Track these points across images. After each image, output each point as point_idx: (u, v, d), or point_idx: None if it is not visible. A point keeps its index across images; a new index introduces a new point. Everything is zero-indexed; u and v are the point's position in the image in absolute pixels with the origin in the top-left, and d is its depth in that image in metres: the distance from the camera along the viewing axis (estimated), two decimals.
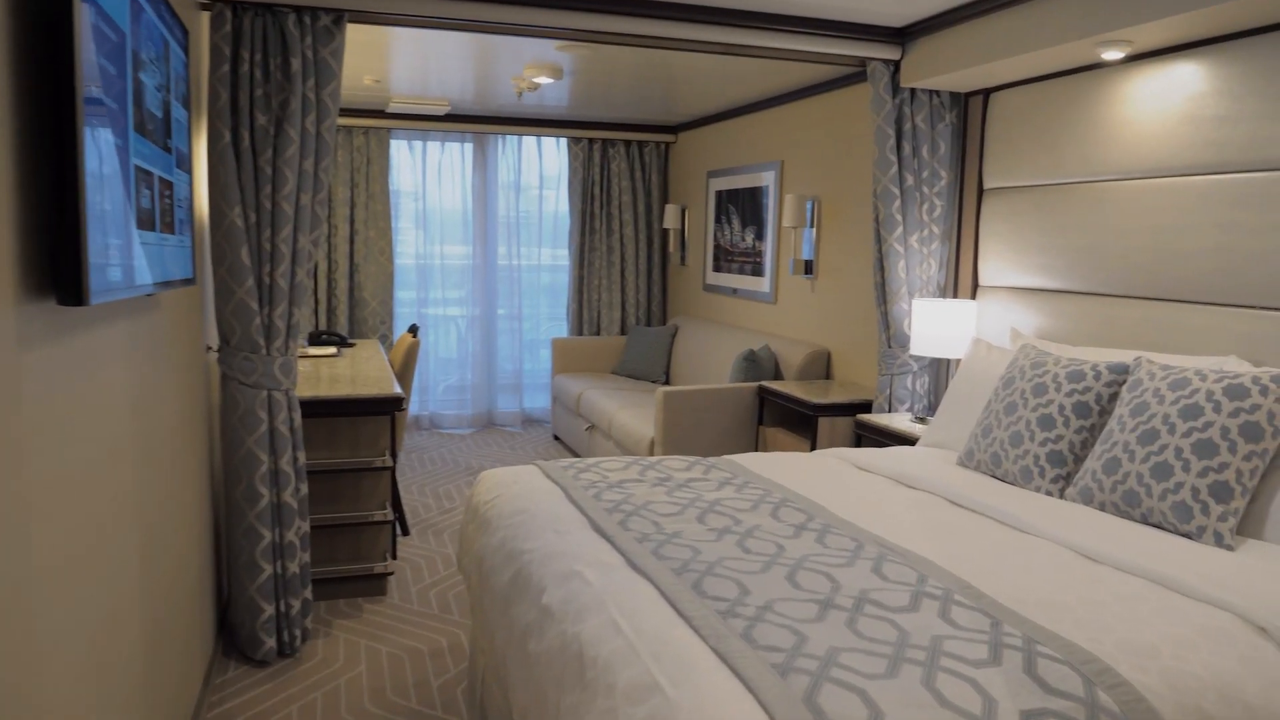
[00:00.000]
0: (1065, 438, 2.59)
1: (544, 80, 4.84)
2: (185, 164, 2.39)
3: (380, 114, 6.41)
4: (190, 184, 2.50)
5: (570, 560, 2.00)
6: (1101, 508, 2.40)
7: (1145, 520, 2.29)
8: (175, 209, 2.20)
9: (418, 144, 6.77)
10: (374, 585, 3.74)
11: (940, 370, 4.04)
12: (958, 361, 3.90)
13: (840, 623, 1.66)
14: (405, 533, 4.48)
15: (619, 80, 5.07)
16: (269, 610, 3.12)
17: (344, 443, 3.63)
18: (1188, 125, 2.89)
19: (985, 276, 3.79)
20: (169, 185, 2.13)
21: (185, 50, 2.39)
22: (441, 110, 6.11)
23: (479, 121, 6.67)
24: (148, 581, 2.11)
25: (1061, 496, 2.57)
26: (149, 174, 1.90)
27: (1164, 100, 2.97)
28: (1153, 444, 2.28)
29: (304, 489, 3.21)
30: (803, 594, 1.78)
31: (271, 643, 3.14)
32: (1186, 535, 2.19)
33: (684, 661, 1.52)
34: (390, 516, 3.74)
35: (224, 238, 2.96)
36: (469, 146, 6.88)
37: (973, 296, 3.86)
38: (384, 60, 4.64)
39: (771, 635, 1.59)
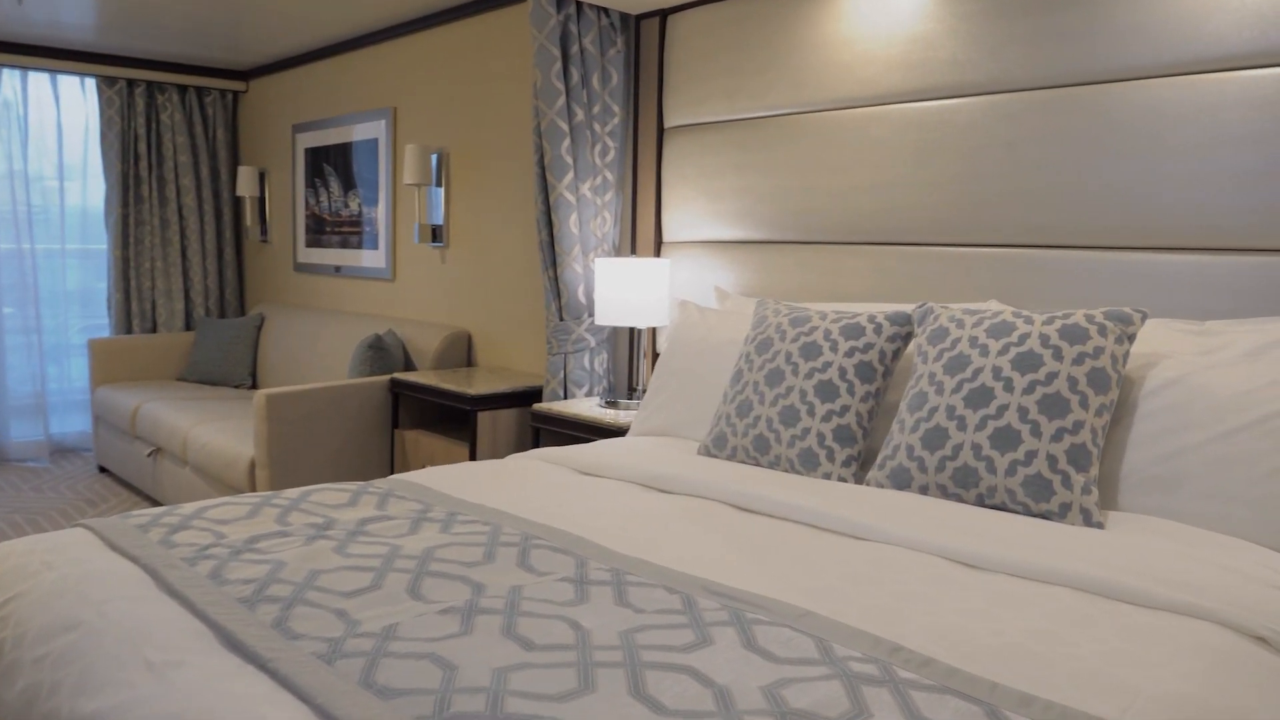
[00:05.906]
0: (852, 408, 2.05)
1: None
2: None
3: None
4: None
5: None
6: (924, 491, 1.88)
7: (983, 502, 1.81)
8: None
9: None
10: None
11: (618, 344, 3.42)
12: (649, 332, 3.29)
13: None
14: None
15: None
16: None
17: None
18: (919, 44, 2.51)
19: (671, 230, 3.22)
20: None
21: None
22: None
23: None
24: None
25: (861, 482, 2.02)
26: None
27: (890, 15, 2.57)
28: (987, 406, 1.80)
29: None
30: None
31: None
32: (1043, 515, 1.73)
33: None
34: None
35: None
36: None
37: (656, 254, 3.27)
38: None
39: None
